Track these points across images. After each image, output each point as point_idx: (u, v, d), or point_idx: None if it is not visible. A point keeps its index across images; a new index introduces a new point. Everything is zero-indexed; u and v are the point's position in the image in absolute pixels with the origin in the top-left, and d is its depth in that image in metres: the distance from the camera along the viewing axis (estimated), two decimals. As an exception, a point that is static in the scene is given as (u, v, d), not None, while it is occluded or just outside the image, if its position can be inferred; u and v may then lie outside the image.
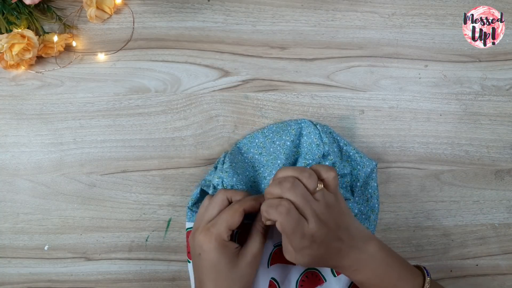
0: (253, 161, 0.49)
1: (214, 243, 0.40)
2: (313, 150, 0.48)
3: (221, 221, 0.41)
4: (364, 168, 0.49)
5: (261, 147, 0.50)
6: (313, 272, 0.49)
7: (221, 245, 0.40)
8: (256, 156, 0.49)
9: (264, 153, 0.49)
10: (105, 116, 0.51)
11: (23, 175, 0.50)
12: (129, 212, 0.51)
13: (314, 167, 0.41)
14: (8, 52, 0.46)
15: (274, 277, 0.48)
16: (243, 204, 0.42)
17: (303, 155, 0.48)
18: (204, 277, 0.41)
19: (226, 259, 0.40)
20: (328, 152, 0.48)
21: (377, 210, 0.50)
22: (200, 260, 0.41)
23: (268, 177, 0.47)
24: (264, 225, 0.43)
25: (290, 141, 0.48)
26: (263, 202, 0.41)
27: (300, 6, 0.52)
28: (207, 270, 0.41)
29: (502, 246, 0.54)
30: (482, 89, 0.54)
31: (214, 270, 0.40)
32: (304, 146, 0.49)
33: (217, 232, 0.40)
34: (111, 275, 0.51)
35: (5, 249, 0.51)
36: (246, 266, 0.41)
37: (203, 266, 0.41)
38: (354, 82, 0.53)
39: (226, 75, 0.52)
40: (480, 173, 0.54)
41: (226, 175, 0.46)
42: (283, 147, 0.48)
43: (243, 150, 0.50)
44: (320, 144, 0.48)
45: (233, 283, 0.41)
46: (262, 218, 0.41)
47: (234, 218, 0.41)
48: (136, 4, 0.51)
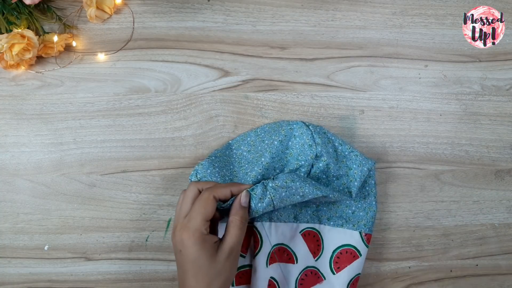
0: (241, 158, 0.49)
1: (192, 238, 0.40)
2: (305, 151, 0.48)
3: (195, 214, 0.41)
4: (361, 167, 0.49)
5: (251, 145, 0.50)
6: (312, 270, 0.49)
7: (200, 239, 0.40)
8: (245, 153, 0.50)
9: (252, 151, 0.49)
10: (105, 116, 0.51)
11: (23, 175, 0.50)
12: (129, 212, 0.51)
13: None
14: (8, 52, 0.46)
15: (273, 277, 0.48)
16: (212, 191, 0.42)
17: (295, 156, 0.48)
18: (186, 273, 0.40)
19: (206, 254, 0.40)
20: (321, 153, 0.48)
21: (375, 207, 0.50)
22: (181, 256, 0.41)
23: (250, 173, 0.47)
24: (240, 218, 0.42)
25: (278, 141, 0.48)
26: (234, 190, 0.42)
27: (300, 6, 0.52)
28: (188, 266, 0.40)
29: (502, 246, 0.54)
30: (482, 89, 0.54)
31: (195, 265, 0.40)
32: (296, 147, 0.49)
33: (194, 226, 0.40)
34: (111, 275, 0.51)
35: (5, 249, 0.51)
36: (224, 260, 0.41)
37: (184, 262, 0.41)
38: (354, 82, 0.53)
39: (226, 75, 0.52)
40: (480, 173, 0.54)
41: (201, 167, 0.47)
42: (270, 146, 0.48)
43: (234, 147, 0.51)
44: (313, 145, 0.48)
45: (213, 278, 0.40)
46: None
47: (207, 208, 0.41)
48: (136, 4, 0.51)
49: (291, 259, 0.49)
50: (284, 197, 0.43)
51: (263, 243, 0.48)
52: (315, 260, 0.49)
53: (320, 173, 0.48)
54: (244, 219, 0.42)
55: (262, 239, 0.48)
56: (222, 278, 0.40)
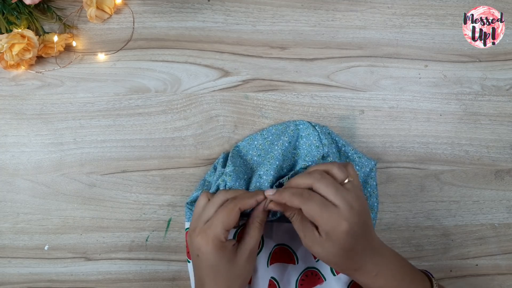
0: (252, 163, 0.49)
1: (211, 245, 0.40)
2: (312, 152, 0.48)
3: (217, 222, 0.40)
4: (363, 168, 0.49)
5: (260, 149, 0.50)
6: (313, 271, 0.49)
7: (218, 247, 0.40)
8: (255, 157, 0.49)
9: (262, 155, 0.49)
10: (105, 116, 0.51)
11: (23, 175, 0.50)
12: (129, 212, 0.51)
13: (333, 163, 0.42)
14: (8, 52, 0.46)
15: (273, 277, 0.48)
16: (238, 203, 0.41)
17: (303, 156, 0.48)
18: (204, 276, 0.41)
19: (224, 259, 0.40)
20: (328, 153, 0.48)
21: (376, 209, 0.50)
22: (199, 261, 0.41)
23: (264, 176, 0.46)
24: (260, 220, 0.43)
25: (288, 142, 0.48)
26: (259, 199, 0.42)
27: (300, 6, 0.52)
28: (206, 270, 0.41)
29: (502, 246, 0.54)
30: (482, 89, 0.54)
31: (213, 270, 0.40)
32: (303, 148, 0.49)
33: (213, 234, 0.40)
34: (111, 275, 0.51)
35: (5, 249, 0.51)
36: (244, 262, 0.41)
37: (202, 266, 0.41)
38: (354, 82, 0.53)
39: (226, 75, 0.52)
40: (480, 173, 0.54)
41: (230, 179, 0.45)
42: (281, 147, 0.48)
43: (242, 153, 0.50)
44: (320, 146, 0.48)
45: (233, 281, 0.41)
46: (273, 207, 0.42)
47: (230, 218, 0.41)
48: (136, 4, 0.51)
49: (292, 260, 0.49)
50: None
51: (264, 243, 0.48)
52: (316, 260, 0.49)
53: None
54: (264, 222, 0.43)
55: (263, 239, 0.48)
56: (241, 279, 0.41)
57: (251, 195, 0.43)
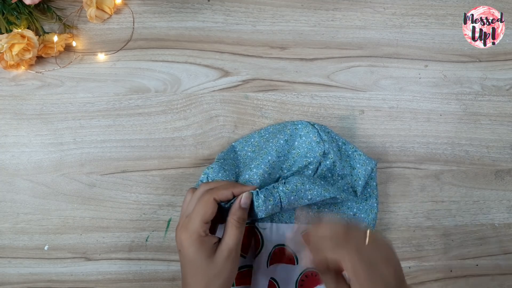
0: (245, 158, 0.49)
1: (190, 240, 0.39)
2: (313, 148, 0.48)
3: (195, 215, 0.40)
4: (364, 166, 0.49)
5: (255, 145, 0.50)
6: (313, 272, 0.49)
7: (198, 241, 0.39)
8: (249, 153, 0.50)
9: (256, 151, 0.49)
10: (105, 116, 0.51)
11: (23, 175, 0.50)
12: (129, 212, 0.51)
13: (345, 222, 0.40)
14: (8, 52, 0.46)
15: (273, 277, 0.48)
16: (213, 193, 0.41)
17: (303, 154, 0.48)
18: (185, 273, 0.40)
19: (204, 255, 0.40)
20: (328, 150, 0.48)
21: (376, 209, 0.50)
22: (181, 256, 0.41)
23: (254, 169, 0.46)
24: (237, 218, 0.41)
25: (283, 140, 0.48)
26: (235, 191, 0.42)
27: (300, 6, 0.52)
28: (186, 266, 0.40)
29: (502, 246, 0.54)
30: (482, 89, 0.54)
31: (193, 266, 0.40)
32: (303, 146, 0.49)
33: (192, 227, 0.40)
34: (111, 275, 0.51)
35: (5, 249, 0.50)
36: (223, 261, 0.40)
37: (183, 262, 0.41)
38: (354, 82, 0.53)
39: (226, 75, 0.52)
40: (480, 173, 0.54)
41: (212, 171, 0.46)
42: (276, 144, 0.48)
43: (237, 149, 0.50)
44: (320, 142, 0.48)
45: (212, 279, 0.40)
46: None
47: (207, 210, 0.40)
48: (136, 4, 0.51)
49: (292, 260, 0.49)
50: (293, 200, 0.44)
51: (264, 243, 0.48)
52: (315, 260, 0.49)
53: (326, 171, 0.48)
54: (242, 220, 0.42)
55: (263, 239, 0.48)
56: (221, 279, 0.40)
57: (227, 186, 0.42)
